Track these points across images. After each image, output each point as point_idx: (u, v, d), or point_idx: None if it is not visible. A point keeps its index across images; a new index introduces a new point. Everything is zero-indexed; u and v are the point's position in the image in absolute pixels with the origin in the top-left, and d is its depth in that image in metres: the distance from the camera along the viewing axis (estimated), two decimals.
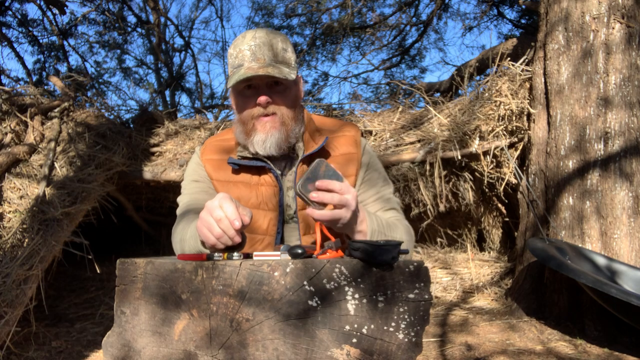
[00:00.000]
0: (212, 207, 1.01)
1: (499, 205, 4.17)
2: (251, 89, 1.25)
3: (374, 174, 1.37)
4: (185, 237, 1.19)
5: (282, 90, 1.25)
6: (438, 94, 6.43)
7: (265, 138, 1.24)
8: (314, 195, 1.03)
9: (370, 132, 4.12)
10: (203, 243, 1.08)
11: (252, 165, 1.30)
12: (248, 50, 1.22)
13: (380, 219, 1.22)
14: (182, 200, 1.36)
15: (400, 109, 4.42)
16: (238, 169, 1.32)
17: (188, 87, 12.47)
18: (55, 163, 3.53)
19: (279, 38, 1.25)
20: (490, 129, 3.71)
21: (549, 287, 3.14)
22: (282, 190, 1.30)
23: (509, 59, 4.11)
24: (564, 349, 2.65)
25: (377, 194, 1.35)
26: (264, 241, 1.30)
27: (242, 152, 1.31)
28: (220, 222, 0.99)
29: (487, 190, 4.08)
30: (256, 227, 1.29)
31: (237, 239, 1.01)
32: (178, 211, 1.35)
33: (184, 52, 12.48)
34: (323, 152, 1.33)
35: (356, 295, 0.85)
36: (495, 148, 3.70)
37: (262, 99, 1.22)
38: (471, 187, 3.97)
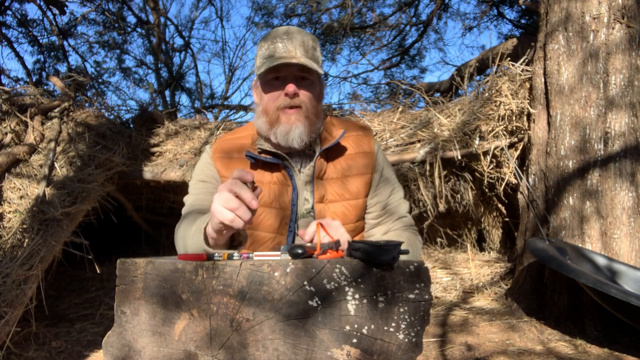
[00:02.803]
0: (230, 185, 0.98)
1: (499, 205, 4.17)
2: (279, 80, 1.26)
3: (384, 181, 1.39)
4: (190, 234, 1.19)
5: (309, 85, 1.27)
6: (438, 94, 6.43)
7: (289, 130, 1.25)
8: None
9: None
10: (206, 241, 1.08)
11: (266, 162, 1.30)
12: (280, 43, 1.24)
13: None
14: (187, 200, 1.36)
15: (400, 109, 4.41)
16: (254, 163, 1.31)
17: (188, 87, 12.48)
18: (55, 163, 3.53)
19: (309, 37, 1.28)
20: (490, 129, 3.71)
21: (549, 287, 3.14)
22: (295, 188, 1.30)
23: (509, 59, 4.11)
24: (564, 349, 2.65)
25: (384, 202, 1.37)
26: (275, 239, 1.30)
27: (261, 145, 1.31)
28: (241, 193, 0.96)
29: (487, 190, 4.08)
30: (267, 225, 1.29)
31: (255, 205, 0.98)
32: (183, 210, 1.35)
33: (183, 52, 12.50)
34: (339, 148, 1.34)
35: (356, 296, 0.85)
36: (495, 148, 3.70)
37: (291, 88, 1.23)
38: (471, 187, 3.97)
